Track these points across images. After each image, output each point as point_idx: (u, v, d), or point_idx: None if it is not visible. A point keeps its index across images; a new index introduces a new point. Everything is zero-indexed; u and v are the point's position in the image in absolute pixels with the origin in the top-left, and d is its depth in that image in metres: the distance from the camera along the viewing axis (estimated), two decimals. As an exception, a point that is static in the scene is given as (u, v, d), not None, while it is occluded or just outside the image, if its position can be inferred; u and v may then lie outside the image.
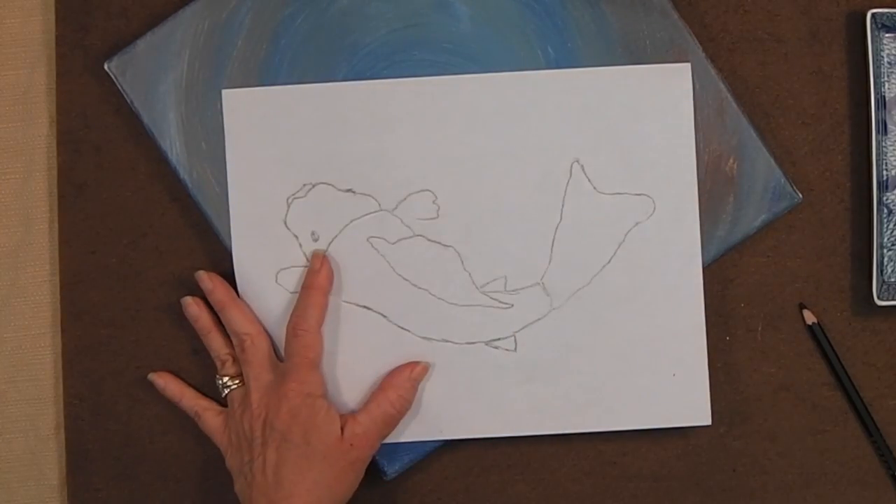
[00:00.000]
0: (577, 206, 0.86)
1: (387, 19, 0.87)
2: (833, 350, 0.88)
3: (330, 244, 0.86)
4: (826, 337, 0.88)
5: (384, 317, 0.86)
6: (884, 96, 0.87)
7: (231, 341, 0.85)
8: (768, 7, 0.89)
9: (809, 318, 0.88)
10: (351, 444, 0.81)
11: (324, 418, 0.81)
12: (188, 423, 0.88)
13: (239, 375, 0.85)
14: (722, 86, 0.87)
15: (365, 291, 0.86)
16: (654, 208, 0.86)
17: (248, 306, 0.85)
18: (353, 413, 0.83)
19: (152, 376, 0.87)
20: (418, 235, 0.86)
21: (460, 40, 0.87)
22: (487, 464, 0.88)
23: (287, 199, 0.86)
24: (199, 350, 0.88)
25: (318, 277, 0.84)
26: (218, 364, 0.86)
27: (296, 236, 0.86)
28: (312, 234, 0.86)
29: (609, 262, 0.87)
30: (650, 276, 0.87)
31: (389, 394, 0.83)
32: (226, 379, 0.85)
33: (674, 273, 0.86)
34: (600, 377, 0.87)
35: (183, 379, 0.88)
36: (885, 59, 0.87)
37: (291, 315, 0.84)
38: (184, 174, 0.87)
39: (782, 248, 0.89)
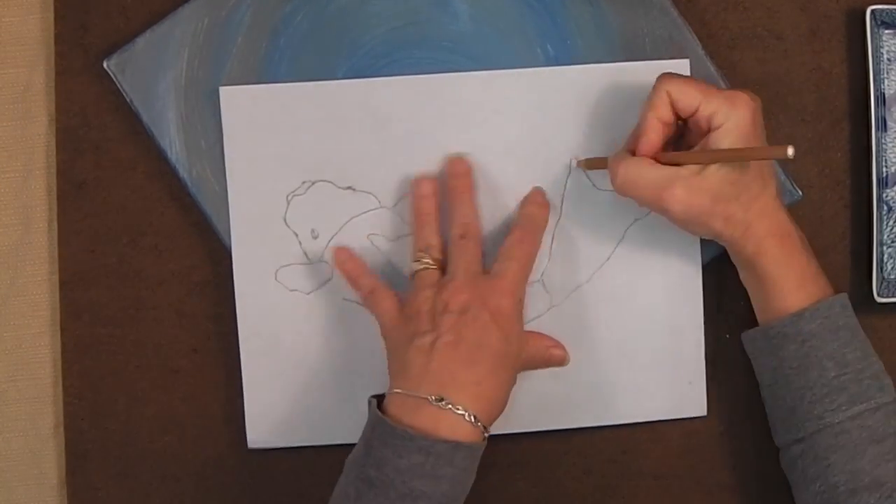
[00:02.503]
0: (577, 204, 0.86)
1: (386, 17, 0.87)
2: (833, 347, 0.88)
3: (329, 241, 0.86)
4: (826, 334, 0.88)
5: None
6: (883, 93, 0.87)
7: (439, 234, 0.84)
8: (767, 4, 0.89)
9: (810, 315, 0.88)
10: (518, 362, 0.81)
11: (520, 328, 0.81)
12: (188, 423, 0.88)
13: (437, 262, 0.83)
14: (721, 83, 0.87)
15: (365, 289, 0.86)
16: (654, 206, 0.87)
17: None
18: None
19: (336, 249, 0.85)
20: (418, 233, 0.86)
21: (460, 38, 0.87)
22: (488, 462, 0.88)
23: (286, 197, 0.86)
24: (199, 349, 0.88)
25: (466, 179, 0.85)
26: (422, 246, 0.83)
27: (295, 234, 0.86)
28: (312, 231, 0.86)
29: (608, 259, 0.87)
30: (649, 273, 0.87)
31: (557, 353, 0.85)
32: (427, 261, 0.83)
33: (673, 270, 0.86)
34: (599, 374, 0.87)
35: (182, 378, 0.88)
36: (885, 56, 0.87)
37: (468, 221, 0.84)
38: (183, 172, 0.87)
39: (782, 246, 0.89)
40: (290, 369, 0.87)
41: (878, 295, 0.86)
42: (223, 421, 0.88)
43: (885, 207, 0.88)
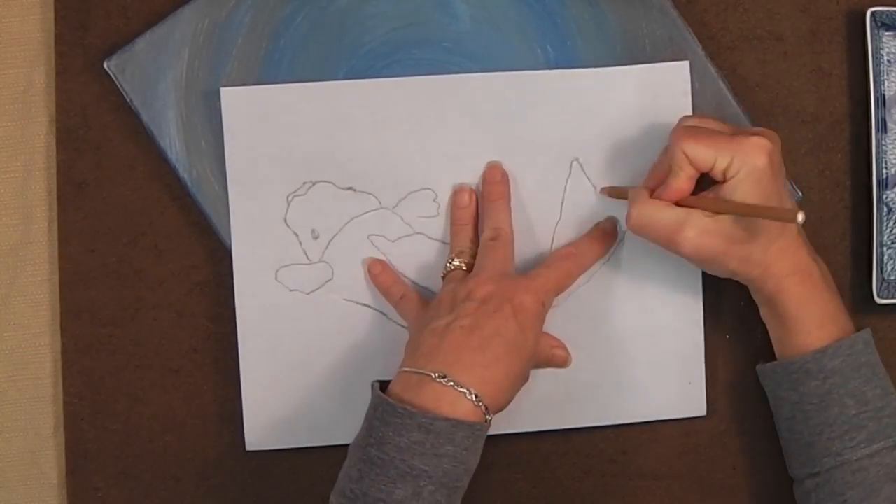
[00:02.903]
0: (577, 205, 0.87)
1: (387, 18, 0.87)
2: (833, 348, 0.88)
3: (330, 242, 0.86)
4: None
5: (384, 315, 0.86)
6: (883, 94, 0.87)
7: (474, 240, 0.85)
8: (768, 5, 0.89)
9: (809, 316, 0.88)
10: (532, 360, 0.81)
11: (539, 329, 0.81)
12: (188, 423, 0.88)
13: (469, 265, 0.84)
14: (721, 84, 0.87)
15: (365, 289, 0.86)
16: (654, 207, 0.87)
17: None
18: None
19: (371, 261, 0.86)
20: (418, 233, 0.86)
21: (460, 39, 0.87)
22: (488, 462, 0.88)
23: (287, 197, 0.86)
24: (199, 349, 0.88)
25: (502, 186, 0.85)
26: (456, 251, 0.85)
27: (296, 234, 0.86)
28: (312, 231, 0.86)
29: (608, 259, 0.87)
30: (649, 273, 0.87)
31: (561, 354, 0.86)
32: (457, 262, 0.84)
33: (673, 271, 0.87)
34: (599, 374, 0.87)
35: (182, 378, 0.88)
36: (885, 58, 0.88)
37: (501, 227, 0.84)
38: (183, 173, 0.87)
39: (782, 247, 0.89)
40: (290, 370, 0.87)
41: (878, 296, 0.86)
42: (223, 421, 0.88)
43: (885, 209, 0.88)
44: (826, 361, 0.78)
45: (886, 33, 0.87)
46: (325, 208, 0.86)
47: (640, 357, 0.87)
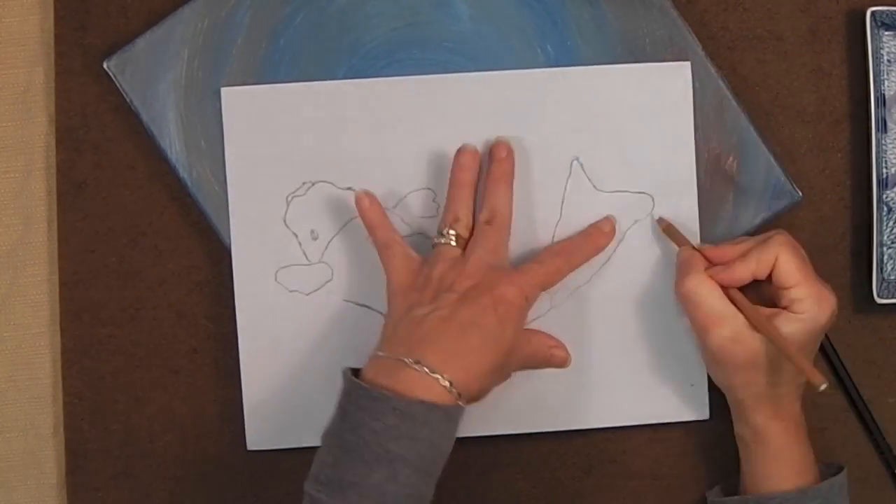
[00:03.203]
0: (577, 205, 0.86)
1: (386, 18, 0.87)
2: (833, 348, 0.88)
3: (329, 242, 0.86)
4: (826, 335, 0.88)
5: (384, 315, 0.86)
6: (883, 94, 0.87)
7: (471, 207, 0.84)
8: (768, 5, 0.89)
9: (809, 316, 0.88)
10: (512, 354, 0.81)
11: (521, 322, 0.81)
12: (188, 423, 0.88)
13: (461, 240, 0.83)
14: (721, 84, 0.87)
15: (365, 290, 0.86)
16: (654, 206, 0.87)
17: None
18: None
19: (359, 193, 0.84)
20: (418, 233, 0.86)
21: (460, 39, 0.87)
22: (488, 462, 0.88)
23: (286, 198, 0.86)
24: (199, 349, 0.88)
25: (505, 164, 0.85)
26: (450, 219, 0.83)
27: (295, 234, 0.86)
28: (312, 232, 0.86)
29: (608, 260, 0.87)
30: (650, 273, 0.87)
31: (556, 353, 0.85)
32: (451, 235, 0.83)
33: (673, 271, 0.86)
34: (600, 375, 0.87)
35: (182, 378, 0.88)
36: (885, 57, 0.87)
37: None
38: (183, 173, 0.87)
39: (782, 247, 0.89)
40: (290, 370, 0.86)
41: (878, 296, 0.86)
42: (223, 421, 0.88)
43: (885, 208, 0.88)
44: (807, 501, 0.79)
45: (886, 33, 0.87)
46: (325, 208, 0.86)
47: (641, 359, 0.87)
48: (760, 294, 0.81)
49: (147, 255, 0.88)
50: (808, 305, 0.79)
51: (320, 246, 0.86)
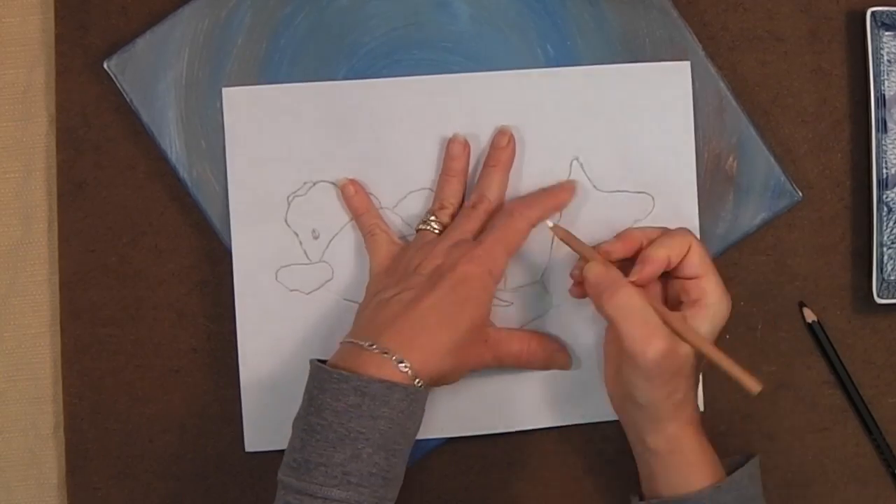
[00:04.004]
0: (577, 204, 0.86)
1: (386, 18, 0.87)
2: (833, 348, 0.88)
3: (330, 242, 0.86)
4: (826, 335, 0.88)
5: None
6: (883, 94, 0.87)
7: (459, 195, 0.85)
8: (768, 5, 0.89)
9: (809, 316, 0.88)
10: (485, 340, 0.81)
11: (484, 298, 0.80)
12: (188, 423, 0.88)
13: (444, 227, 0.84)
14: (722, 84, 0.87)
15: (365, 290, 0.86)
16: (654, 206, 0.87)
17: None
18: (504, 328, 0.84)
19: (344, 181, 0.85)
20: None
21: (460, 39, 0.87)
22: (488, 462, 0.88)
23: (287, 198, 0.86)
24: (199, 349, 0.88)
25: (504, 153, 0.85)
26: (436, 206, 0.84)
27: (296, 234, 0.86)
28: (313, 231, 0.86)
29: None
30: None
31: (541, 349, 0.85)
32: (433, 221, 0.84)
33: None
34: (600, 375, 0.87)
35: (182, 378, 0.88)
36: (885, 58, 0.88)
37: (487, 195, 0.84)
38: (183, 173, 0.87)
39: (782, 247, 0.89)
40: (290, 370, 0.86)
41: (878, 296, 0.86)
42: (223, 421, 0.88)
43: (886, 209, 0.88)
44: (721, 496, 0.77)
45: (886, 33, 0.87)
46: (326, 208, 0.86)
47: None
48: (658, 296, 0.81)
49: (147, 255, 0.88)
50: (719, 296, 0.78)
51: (321, 245, 0.86)
